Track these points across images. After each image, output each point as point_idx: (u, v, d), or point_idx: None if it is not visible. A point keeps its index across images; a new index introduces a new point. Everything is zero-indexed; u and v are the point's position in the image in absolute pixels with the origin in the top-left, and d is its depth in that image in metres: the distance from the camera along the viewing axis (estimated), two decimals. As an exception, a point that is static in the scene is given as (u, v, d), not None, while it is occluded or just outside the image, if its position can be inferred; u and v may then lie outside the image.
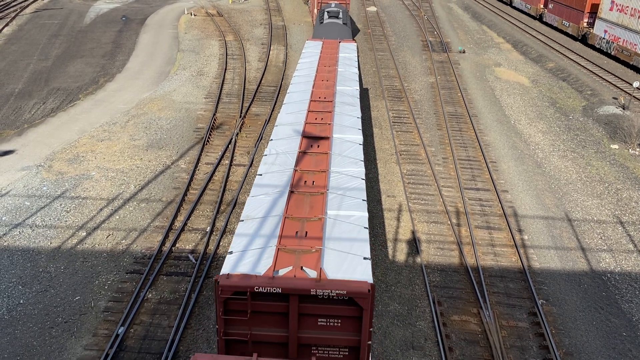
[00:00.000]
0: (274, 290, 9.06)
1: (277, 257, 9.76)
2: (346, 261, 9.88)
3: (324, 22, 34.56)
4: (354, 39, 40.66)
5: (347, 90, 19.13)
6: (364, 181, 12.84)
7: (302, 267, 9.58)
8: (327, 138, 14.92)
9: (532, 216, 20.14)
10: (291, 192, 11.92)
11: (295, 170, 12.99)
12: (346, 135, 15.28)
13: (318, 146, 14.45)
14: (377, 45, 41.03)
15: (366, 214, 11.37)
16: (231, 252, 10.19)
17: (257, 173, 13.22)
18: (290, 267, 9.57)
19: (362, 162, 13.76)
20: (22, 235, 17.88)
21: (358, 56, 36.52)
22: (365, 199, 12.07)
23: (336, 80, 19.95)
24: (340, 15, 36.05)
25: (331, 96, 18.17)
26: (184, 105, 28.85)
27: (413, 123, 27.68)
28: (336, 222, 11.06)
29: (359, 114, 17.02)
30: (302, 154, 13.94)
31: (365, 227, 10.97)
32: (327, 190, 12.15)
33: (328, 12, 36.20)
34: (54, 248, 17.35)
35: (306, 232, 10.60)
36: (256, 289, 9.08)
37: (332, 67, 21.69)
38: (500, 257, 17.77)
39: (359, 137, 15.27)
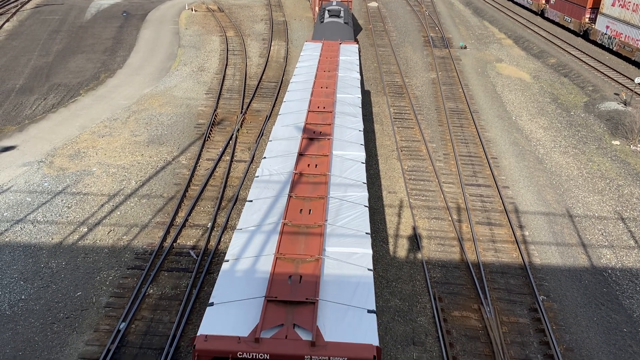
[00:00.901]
0: (261, 356, 7.86)
1: (265, 313, 8.59)
2: (347, 316, 8.70)
3: (325, 21, 33.40)
4: (356, 40, 40.04)
5: (348, 99, 18.00)
6: (367, 209, 11.68)
7: (294, 324, 8.42)
8: (326, 155, 13.73)
9: (533, 212, 20.14)
10: (285, 224, 10.72)
11: (290, 197, 11.82)
12: (347, 152, 14.18)
13: (316, 166, 13.27)
14: (378, 41, 40.95)
15: (370, 251, 10.23)
16: (212, 304, 8.82)
17: (247, 199, 12.00)
18: (281, 326, 8.39)
19: (365, 186, 12.70)
20: (24, 231, 17.91)
21: (360, 59, 35.45)
22: (369, 231, 10.89)
23: (336, 87, 18.79)
24: (342, 14, 34.84)
25: (331, 106, 17.05)
26: (185, 101, 28.84)
27: (414, 119, 27.65)
28: (335, 262, 9.82)
29: (361, 126, 15.92)
30: (298, 175, 12.82)
31: (369, 269, 9.74)
32: (326, 221, 10.99)
33: (329, 10, 35.12)
34: (55, 244, 17.39)
35: (300, 277, 9.31)
36: (239, 354, 7.86)
37: (332, 72, 20.47)
38: (501, 253, 17.78)
39: (361, 154, 14.12)
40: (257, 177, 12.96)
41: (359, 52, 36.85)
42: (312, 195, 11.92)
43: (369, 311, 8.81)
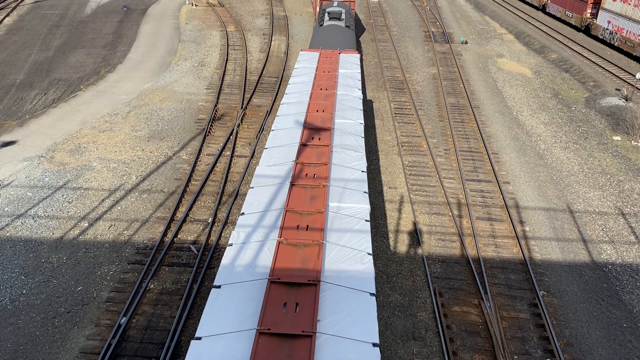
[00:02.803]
0: None
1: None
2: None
3: (324, 24, 30.82)
4: (358, 43, 38.29)
5: (348, 126, 15.37)
6: (373, 299, 8.82)
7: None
8: (320, 212, 10.83)
9: (533, 207, 20.14)
10: (261, 333, 8.06)
11: (270, 282, 9.01)
12: (347, 205, 11.43)
13: (307, 227, 10.36)
14: (379, 36, 40.86)
15: (378, 355, 8.00)
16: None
17: (214, 284, 9.34)
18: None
19: (371, 258, 9.61)
20: (25, 225, 17.93)
21: (362, 71, 33.24)
22: (376, 326, 8.41)
23: (334, 111, 16.21)
24: (343, 17, 32.35)
25: (327, 137, 14.38)
26: (185, 96, 28.80)
27: (415, 114, 27.61)
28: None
29: (364, 164, 13.24)
30: (283, 245, 9.81)
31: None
32: (317, 322, 8.33)
33: (329, 12, 32.36)
34: (56, 239, 17.41)
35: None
36: None
37: (329, 90, 17.87)
38: (501, 248, 17.80)
39: (365, 207, 11.26)
40: (230, 244, 10.20)
41: (361, 62, 34.71)
42: (301, 280, 9.03)
43: (371, 294, 8.73)
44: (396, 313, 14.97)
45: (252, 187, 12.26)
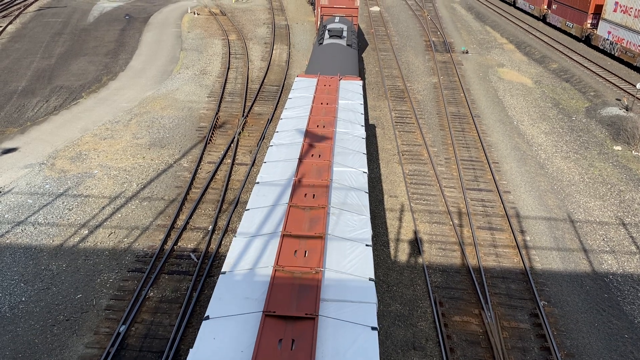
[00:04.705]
0: None
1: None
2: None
3: (324, 42, 28.71)
4: (360, 61, 37.26)
5: (349, 177, 12.76)
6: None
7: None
8: (311, 318, 8.23)
9: (534, 217, 20.11)
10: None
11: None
12: (345, 311, 8.49)
13: (293, 343, 7.79)
14: (380, 45, 41.01)
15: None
16: (224, 273, 8.78)
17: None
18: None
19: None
20: (25, 233, 17.91)
21: (365, 103, 30.15)
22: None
23: (333, 156, 13.57)
24: (345, 34, 30.28)
25: (324, 194, 11.74)
26: (187, 104, 28.87)
27: (415, 123, 27.65)
28: None
29: (369, 233, 10.51)
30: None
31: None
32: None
33: (329, 30, 30.16)
34: (56, 246, 17.39)
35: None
36: None
37: (328, 127, 15.22)
38: (502, 258, 17.75)
39: (370, 306, 8.62)
40: (192, 352, 7.71)
41: (364, 90, 31.78)
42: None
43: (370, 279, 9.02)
44: (396, 322, 14.92)
45: (224, 273, 9.45)
